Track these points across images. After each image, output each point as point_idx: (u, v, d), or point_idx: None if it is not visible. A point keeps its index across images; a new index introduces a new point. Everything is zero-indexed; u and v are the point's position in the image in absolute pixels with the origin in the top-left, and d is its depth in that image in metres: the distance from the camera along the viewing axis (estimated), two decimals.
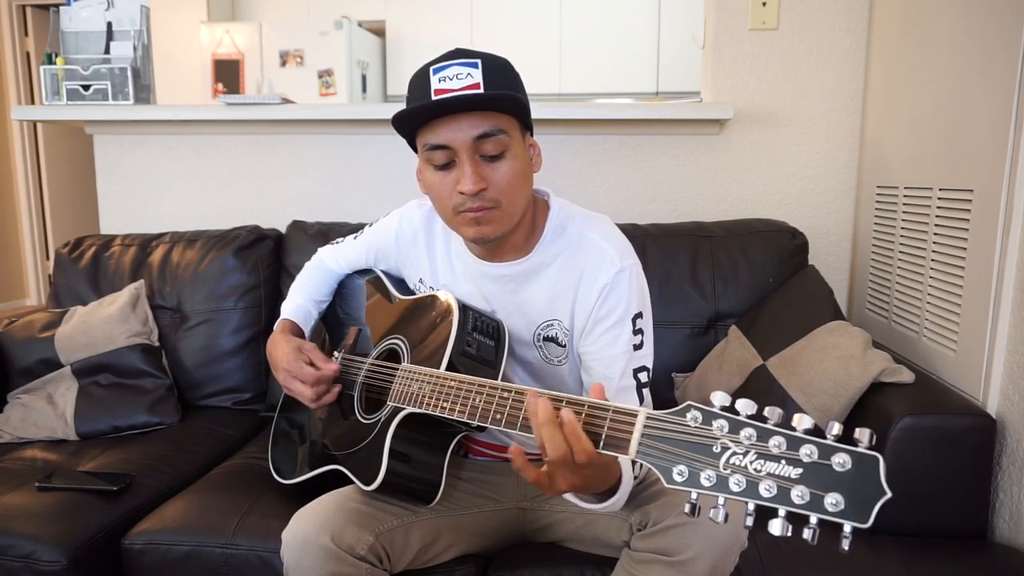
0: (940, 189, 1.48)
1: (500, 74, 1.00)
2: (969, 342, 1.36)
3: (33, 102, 4.95)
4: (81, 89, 2.06)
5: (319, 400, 1.16)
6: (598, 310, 1.06)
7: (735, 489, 0.63)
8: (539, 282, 1.11)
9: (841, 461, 0.59)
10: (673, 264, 1.74)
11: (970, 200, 1.36)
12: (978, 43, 1.36)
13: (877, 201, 1.82)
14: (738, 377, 1.53)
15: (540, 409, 0.78)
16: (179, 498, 1.36)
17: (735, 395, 1.50)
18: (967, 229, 1.37)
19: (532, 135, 1.09)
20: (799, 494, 0.60)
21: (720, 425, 0.66)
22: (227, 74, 4.03)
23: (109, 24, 2.07)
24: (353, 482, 1.08)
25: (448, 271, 1.18)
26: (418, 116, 0.99)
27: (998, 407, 1.30)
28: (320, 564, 0.99)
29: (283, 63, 4.02)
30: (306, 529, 1.02)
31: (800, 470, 0.61)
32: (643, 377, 1.06)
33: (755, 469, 0.63)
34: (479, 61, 0.99)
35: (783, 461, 0.62)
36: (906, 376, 1.35)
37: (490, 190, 1.00)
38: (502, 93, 0.97)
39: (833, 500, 0.59)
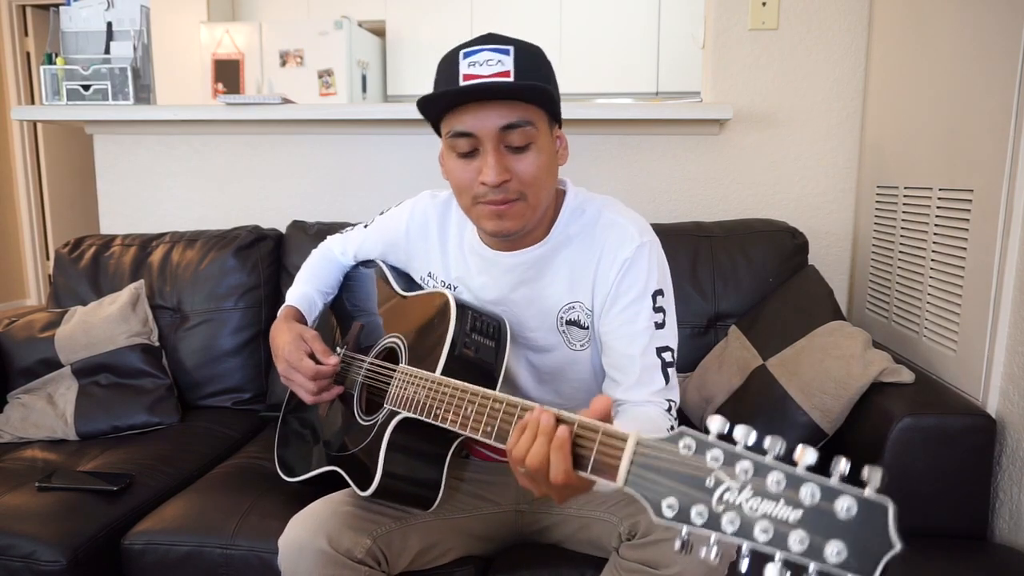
0: (940, 189, 1.48)
1: (532, 63, 0.98)
2: (969, 342, 1.36)
3: (33, 102, 4.95)
4: (81, 89, 2.06)
5: (317, 396, 1.14)
6: (618, 286, 1.05)
7: (728, 529, 0.58)
8: (557, 265, 1.10)
9: (846, 506, 0.54)
10: (673, 264, 1.70)
11: (970, 200, 1.36)
12: (978, 43, 1.36)
13: (877, 201, 1.82)
14: (738, 377, 1.53)
15: (542, 420, 0.75)
16: (179, 498, 1.36)
17: (735, 395, 1.51)
18: (967, 229, 1.37)
19: (560, 127, 1.07)
20: (798, 539, 0.55)
21: (714, 456, 0.61)
22: (227, 74, 4.03)
23: (109, 24, 2.07)
24: (350, 485, 1.08)
25: (461, 264, 1.16)
26: (444, 102, 0.97)
27: (998, 407, 1.30)
28: (317, 568, 0.99)
29: (283, 63, 4.02)
30: (302, 534, 1.01)
31: (800, 512, 0.55)
32: (667, 357, 1.04)
33: (750, 508, 0.58)
34: (511, 48, 0.96)
35: (781, 501, 0.56)
36: (906, 376, 1.35)
37: (513, 182, 0.98)
38: (532, 84, 0.94)
39: (835, 549, 0.53)
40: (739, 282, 1.73)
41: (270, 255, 1.92)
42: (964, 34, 1.41)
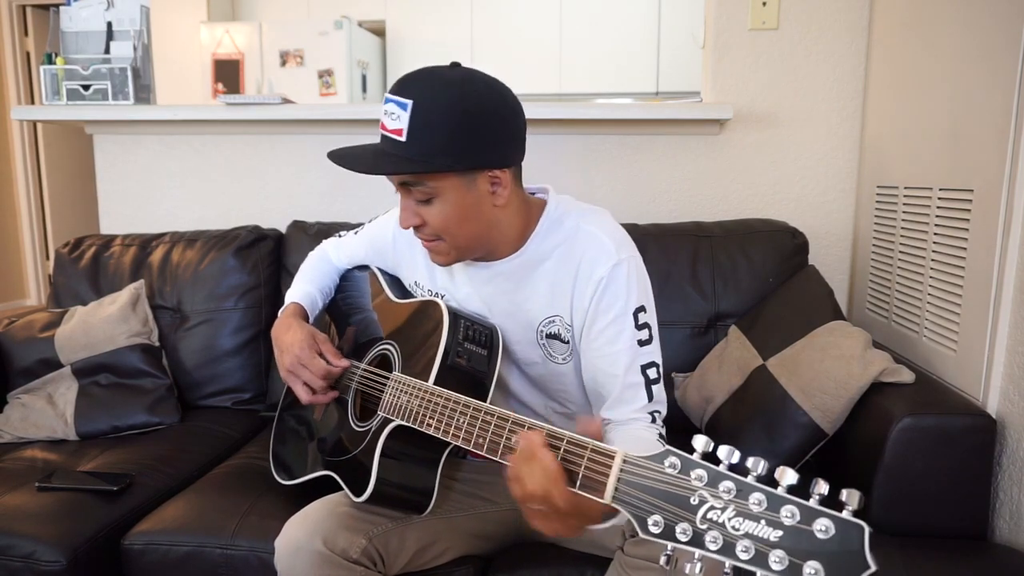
0: (940, 189, 1.48)
1: (429, 119, 0.94)
2: (969, 342, 1.36)
3: (33, 102, 4.95)
4: (81, 89, 2.06)
5: (314, 397, 1.14)
6: (596, 305, 1.04)
7: (711, 547, 0.60)
8: (537, 277, 1.09)
9: (823, 527, 0.56)
10: (673, 264, 1.74)
11: (970, 200, 1.36)
12: (978, 43, 1.36)
13: (877, 201, 1.81)
14: (738, 377, 1.53)
15: (535, 441, 0.77)
16: (179, 498, 1.36)
17: (735, 395, 1.51)
18: (967, 229, 1.37)
19: (500, 168, 1.00)
20: (777, 559, 0.57)
21: (699, 475, 0.63)
22: (227, 74, 4.03)
23: (109, 24, 2.07)
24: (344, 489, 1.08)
25: (446, 274, 1.17)
26: (338, 163, 1.02)
27: (998, 407, 1.30)
28: (313, 569, 0.99)
29: (283, 63, 4.02)
30: (298, 535, 1.02)
31: (780, 532, 0.58)
32: (652, 373, 1.03)
33: (733, 527, 0.60)
34: (410, 103, 0.94)
35: (763, 521, 0.59)
36: (906, 376, 1.35)
37: (426, 226, 1.02)
38: (393, 164, 0.97)
39: (812, 569, 0.55)
40: (739, 282, 1.73)
41: (270, 255, 1.92)
42: (964, 34, 1.41)
